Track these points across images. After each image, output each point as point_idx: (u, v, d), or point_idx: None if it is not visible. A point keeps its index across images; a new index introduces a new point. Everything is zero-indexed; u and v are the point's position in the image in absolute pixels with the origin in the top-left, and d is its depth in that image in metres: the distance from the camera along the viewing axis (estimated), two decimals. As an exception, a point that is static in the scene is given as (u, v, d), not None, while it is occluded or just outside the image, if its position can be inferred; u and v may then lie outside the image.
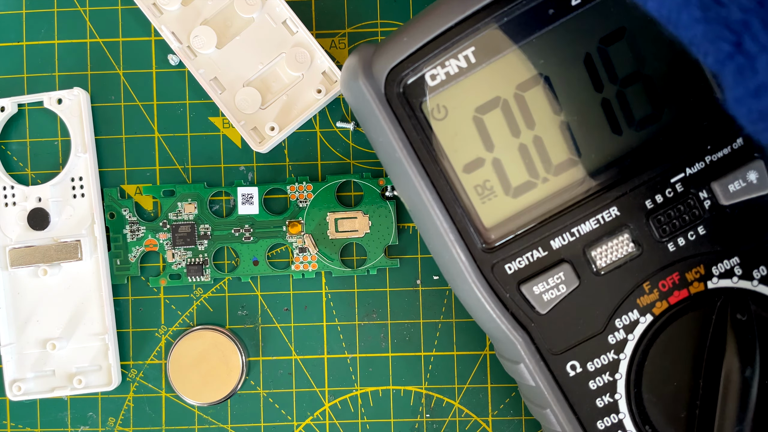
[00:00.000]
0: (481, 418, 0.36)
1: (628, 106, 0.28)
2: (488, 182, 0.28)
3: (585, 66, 0.27)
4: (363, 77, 0.27)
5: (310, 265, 0.36)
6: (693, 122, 0.27)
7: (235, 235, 0.36)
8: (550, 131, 0.28)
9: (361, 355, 0.36)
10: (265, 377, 0.36)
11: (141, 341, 0.36)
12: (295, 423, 0.36)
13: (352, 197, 0.36)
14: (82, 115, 0.35)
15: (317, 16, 0.36)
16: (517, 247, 0.28)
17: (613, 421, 0.28)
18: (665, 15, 0.21)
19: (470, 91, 0.28)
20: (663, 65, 0.27)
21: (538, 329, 0.28)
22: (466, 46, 0.27)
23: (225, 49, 0.35)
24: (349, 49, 0.36)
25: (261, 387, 0.36)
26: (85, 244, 0.35)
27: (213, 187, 0.36)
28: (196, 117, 0.36)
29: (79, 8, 0.36)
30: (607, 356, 0.28)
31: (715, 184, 0.27)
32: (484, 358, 0.36)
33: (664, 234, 0.28)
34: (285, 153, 0.36)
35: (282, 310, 0.36)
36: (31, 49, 0.37)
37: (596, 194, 0.28)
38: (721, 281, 0.28)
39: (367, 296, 0.36)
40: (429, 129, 0.28)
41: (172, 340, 0.36)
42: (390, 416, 0.36)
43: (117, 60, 0.36)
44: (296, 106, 0.35)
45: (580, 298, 0.28)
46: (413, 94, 0.28)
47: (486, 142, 0.28)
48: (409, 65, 0.27)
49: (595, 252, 0.28)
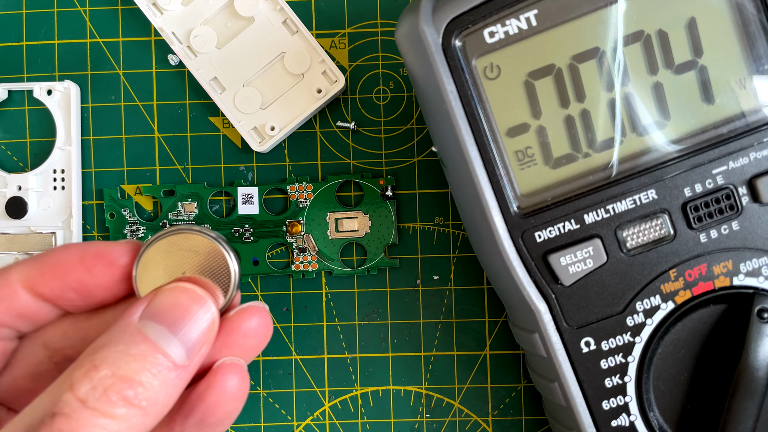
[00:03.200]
0: (481, 418, 0.36)
1: (680, 94, 0.28)
2: (530, 149, 0.28)
3: (643, 47, 0.28)
4: (423, 24, 0.27)
5: (310, 265, 0.36)
6: (741, 116, 0.28)
7: (235, 235, 0.36)
8: (598, 107, 0.28)
9: (361, 355, 0.36)
10: (265, 377, 0.36)
11: (141, 341, 0.36)
12: (295, 423, 0.36)
13: (352, 197, 0.36)
14: (71, 108, 0.36)
15: (317, 16, 0.36)
16: (549, 216, 0.28)
17: (619, 403, 0.29)
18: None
19: (526, 55, 0.28)
20: (721, 57, 0.27)
21: (559, 301, 0.28)
22: (529, 8, 0.27)
23: (225, 49, 0.35)
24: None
25: (261, 387, 0.36)
26: (60, 237, 0.36)
27: (213, 187, 0.36)
28: (196, 117, 0.36)
29: (79, 8, 0.36)
30: (623, 338, 0.28)
31: (758, 181, 0.27)
32: (484, 358, 0.36)
33: (698, 223, 0.28)
34: (285, 153, 0.36)
35: (282, 310, 0.36)
36: (31, 49, 0.37)
37: (636, 175, 0.28)
38: (747, 279, 0.28)
39: (367, 296, 0.36)
40: (480, 86, 0.28)
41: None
42: (390, 416, 0.36)
43: (117, 60, 0.37)
44: (296, 106, 0.35)
45: (606, 275, 0.28)
46: (469, 49, 0.28)
47: (533, 109, 0.28)
48: (469, 18, 0.27)
49: (626, 232, 0.28)
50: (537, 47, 0.28)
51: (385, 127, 0.36)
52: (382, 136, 0.36)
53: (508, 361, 0.36)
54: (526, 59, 0.28)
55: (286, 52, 0.35)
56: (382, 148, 0.36)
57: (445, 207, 0.36)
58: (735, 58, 0.27)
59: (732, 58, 0.27)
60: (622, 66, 0.28)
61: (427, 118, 0.30)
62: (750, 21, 0.27)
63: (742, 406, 0.26)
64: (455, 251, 0.36)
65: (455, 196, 0.30)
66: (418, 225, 0.36)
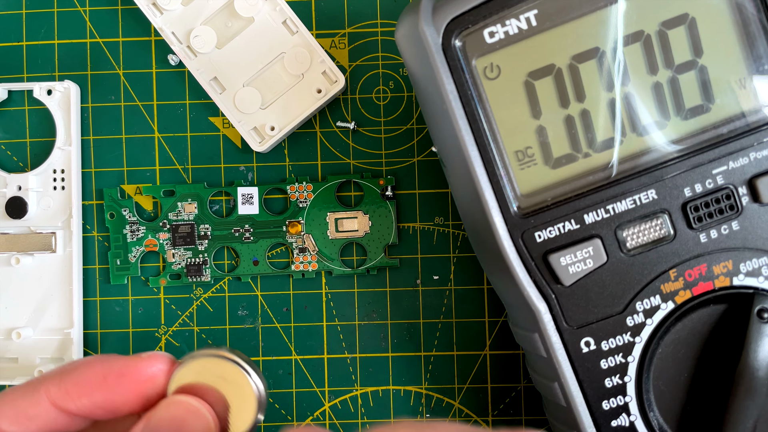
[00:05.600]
0: (481, 418, 0.36)
1: (680, 94, 0.28)
2: (530, 149, 0.28)
3: (643, 47, 0.28)
4: (423, 24, 0.27)
5: (310, 265, 0.36)
6: (741, 116, 0.28)
7: (235, 235, 0.36)
8: (598, 107, 0.28)
9: (361, 355, 0.36)
10: (265, 377, 0.36)
11: (141, 341, 0.36)
12: (295, 423, 0.36)
13: (352, 197, 0.36)
14: (71, 108, 0.36)
15: (317, 16, 0.36)
16: (549, 216, 0.28)
17: (619, 403, 0.29)
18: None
19: (526, 55, 0.28)
20: (721, 57, 0.27)
21: (559, 301, 0.28)
22: (529, 8, 0.27)
23: (225, 49, 0.35)
24: (349, 50, 0.36)
25: (261, 387, 0.36)
26: (60, 237, 0.36)
27: (213, 187, 0.36)
28: (196, 117, 0.36)
29: (79, 8, 0.37)
30: (623, 338, 0.28)
31: (758, 181, 0.27)
32: (484, 358, 0.36)
33: (698, 223, 0.28)
34: (285, 153, 0.36)
35: (282, 310, 0.36)
36: (31, 49, 0.37)
37: (636, 175, 0.28)
38: (747, 279, 0.28)
39: (367, 296, 0.36)
40: (480, 86, 0.28)
41: (172, 340, 0.36)
42: (390, 416, 0.36)
43: (117, 60, 0.37)
44: (296, 106, 0.35)
45: (606, 275, 0.28)
46: (469, 49, 0.28)
47: (533, 109, 0.28)
48: (469, 18, 0.27)
49: (626, 232, 0.28)
50: (537, 47, 0.28)
51: (385, 127, 0.36)
52: (382, 136, 0.36)
53: (508, 361, 0.36)
54: (526, 59, 0.28)
55: (286, 52, 0.35)
56: (382, 148, 0.36)
57: (445, 207, 0.36)
58: (735, 58, 0.27)
59: (732, 58, 0.27)
60: (622, 66, 0.28)
61: (427, 118, 0.30)
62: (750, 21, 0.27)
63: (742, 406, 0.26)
64: (455, 251, 0.36)
65: (455, 196, 0.30)
66: (418, 225, 0.36)
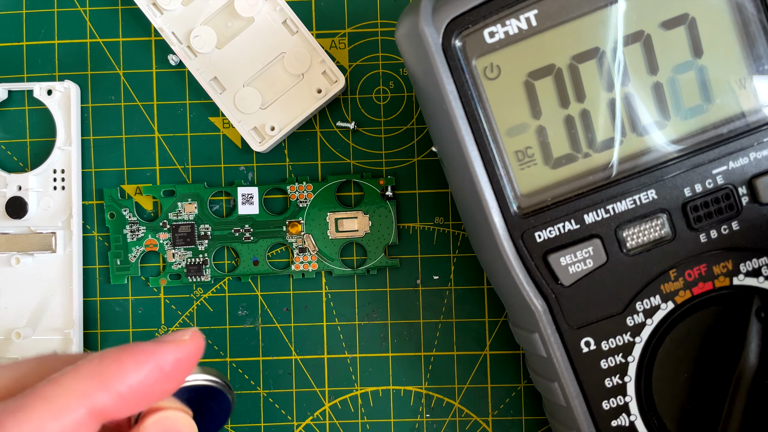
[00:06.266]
0: (481, 418, 0.36)
1: (679, 94, 0.28)
2: (530, 149, 0.28)
3: (643, 47, 0.28)
4: (423, 24, 0.27)
5: (310, 265, 0.36)
6: (741, 116, 0.28)
7: (235, 235, 0.36)
8: (598, 107, 0.28)
9: (361, 355, 0.36)
10: (265, 377, 0.36)
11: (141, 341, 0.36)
12: (295, 423, 0.36)
13: (352, 197, 0.36)
14: (71, 108, 0.36)
15: (317, 16, 0.36)
16: (549, 216, 0.28)
17: (619, 403, 0.29)
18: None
19: (526, 55, 0.28)
20: (721, 57, 0.27)
21: (559, 301, 0.28)
22: (529, 8, 0.27)
23: (225, 49, 0.35)
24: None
25: (261, 387, 0.36)
26: (60, 237, 0.36)
27: (213, 187, 0.36)
28: (196, 117, 0.36)
29: (79, 8, 0.36)
30: (623, 338, 0.28)
31: (758, 181, 0.27)
32: (484, 358, 0.36)
33: (697, 223, 0.28)
34: (285, 153, 0.36)
35: (282, 310, 0.36)
36: (31, 49, 0.37)
37: (636, 175, 0.28)
38: (747, 279, 0.28)
39: (367, 296, 0.36)
40: (480, 86, 0.28)
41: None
42: (390, 416, 0.36)
43: (117, 60, 0.37)
44: (296, 106, 0.35)
45: (606, 275, 0.28)
46: (469, 49, 0.28)
47: (533, 109, 0.28)
48: (469, 18, 0.27)
49: (626, 232, 0.28)
50: (537, 47, 0.28)
51: (385, 127, 0.36)
52: (382, 136, 0.36)
53: (508, 361, 0.36)
54: (526, 59, 0.28)
55: (286, 52, 0.35)
56: (382, 148, 0.36)
57: (445, 207, 0.36)
58: (735, 58, 0.27)
59: (732, 58, 0.27)
60: (622, 66, 0.28)
61: (427, 118, 0.30)
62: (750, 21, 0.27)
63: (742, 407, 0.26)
64: (455, 251, 0.36)
65: (455, 196, 0.30)
66: (418, 225, 0.36)
